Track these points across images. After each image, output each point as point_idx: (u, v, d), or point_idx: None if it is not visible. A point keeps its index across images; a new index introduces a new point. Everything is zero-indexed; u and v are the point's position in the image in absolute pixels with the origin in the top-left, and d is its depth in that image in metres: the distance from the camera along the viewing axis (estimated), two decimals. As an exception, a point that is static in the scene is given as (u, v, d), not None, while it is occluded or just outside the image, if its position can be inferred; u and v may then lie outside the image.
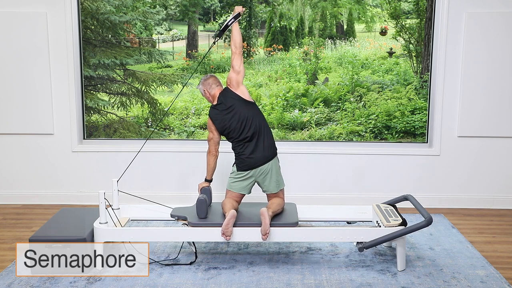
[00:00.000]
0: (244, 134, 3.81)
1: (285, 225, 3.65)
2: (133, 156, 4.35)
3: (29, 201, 5.13)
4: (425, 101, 5.05)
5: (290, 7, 5.20)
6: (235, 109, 3.81)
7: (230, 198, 3.86)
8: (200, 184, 3.99)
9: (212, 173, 3.97)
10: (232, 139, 3.88)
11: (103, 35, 5.12)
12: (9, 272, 3.61)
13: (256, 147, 3.82)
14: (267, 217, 3.56)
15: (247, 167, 3.84)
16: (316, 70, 5.23)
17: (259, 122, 3.83)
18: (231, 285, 3.44)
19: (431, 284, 3.45)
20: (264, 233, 3.56)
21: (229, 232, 3.56)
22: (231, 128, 3.81)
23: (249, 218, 3.75)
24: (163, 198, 4.32)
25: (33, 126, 5.03)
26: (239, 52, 3.88)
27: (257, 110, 3.90)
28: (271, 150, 3.86)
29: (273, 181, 3.87)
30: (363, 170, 5.06)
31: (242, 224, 3.64)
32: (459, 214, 4.87)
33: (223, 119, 3.83)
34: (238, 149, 3.86)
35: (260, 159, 3.82)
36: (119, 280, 3.48)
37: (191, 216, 3.75)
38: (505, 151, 4.99)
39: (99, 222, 3.64)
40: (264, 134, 3.84)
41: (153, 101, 5.21)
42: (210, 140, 3.92)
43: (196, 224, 3.67)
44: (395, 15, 5.08)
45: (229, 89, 3.88)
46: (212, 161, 3.93)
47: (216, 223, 3.66)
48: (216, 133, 3.89)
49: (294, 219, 3.71)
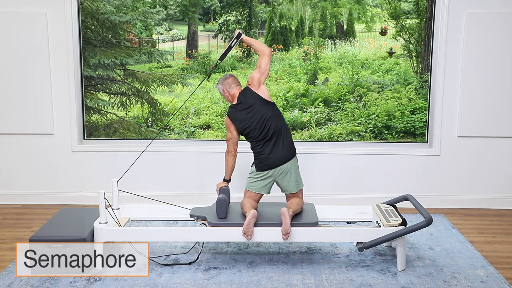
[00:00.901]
0: (264, 133, 3.80)
1: (305, 225, 3.65)
2: (132, 156, 4.36)
3: (29, 201, 5.13)
4: (425, 101, 5.05)
5: (290, 7, 5.20)
6: (255, 108, 3.80)
7: (249, 198, 3.85)
8: (219, 184, 3.97)
9: (230, 173, 3.95)
10: (252, 139, 3.86)
11: (103, 35, 5.12)
12: (9, 272, 3.61)
13: (276, 146, 3.81)
14: (288, 217, 3.55)
15: (267, 166, 3.83)
16: (316, 70, 5.23)
17: (279, 122, 3.83)
18: (231, 285, 3.44)
19: (431, 284, 3.45)
20: (285, 233, 3.55)
21: (250, 232, 3.55)
22: (251, 127, 3.80)
23: (269, 218, 3.74)
24: (162, 198, 4.31)
25: (33, 126, 5.03)
26: (268, 53, 3.86)
27: (277, 110, 3.89)
28: (290, 149, 3.86)
29: (293, 181, 3.86)
30: (363, 170, 5.06)
31: (262, 224, 3.64)
32: (459, 214, 4.87)
33: (244, 119, 3.81)
34: (258, 148, 3.85)
35: (280, 159, 3.81)
36: (119, 280, 3.48)
37: (210, 216, 3.75)
38: (505, 151, 4.99)
39: (99, 222, 3.64)
40: (284, 134, 3.83)
41: (153, 101, 5.21)
42: (229, 140, 3.89)
43: (216, 224, 3.66)
44: (395, 15, 5.08)
45: (249, 89, 3.87)
46: (231, 161, 3.91)
47: (235, 223, 3.65)
48: (235, 133, 3.87)
49: (314, 219, 3.71)
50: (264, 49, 3.89)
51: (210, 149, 5.06)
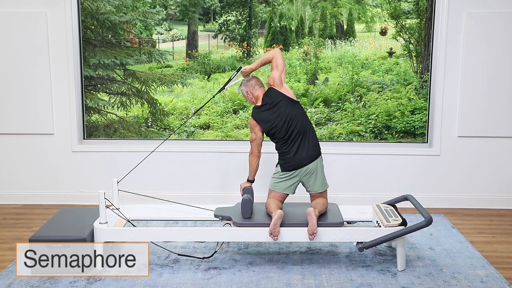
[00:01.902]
0: (289, 133, 3.78)
1: (331, 225, 3.64)
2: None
3: (29, 201, 5.13)
4: (425, 101, 5.05)
5: (290, 7, 5.20)
6: (281, 108, 3.79)
7: (274, 198, 3.83)
8: (242, 184, 3.96)
9: (254, 174, 3.94)
10: (277, 139, 3.84)
11: (103, 35, 5.12)
12: (9, 272, 3.61)
13: (301, 146, 3.79)
14: (314, 217, 3.54)
15: (292, 167, 3.81)
16: (316, 70, 5.23)
17: (304, 121, 3.81)
18: (231, 285, 3.44)
19: (431, 284, 3.45)
20: (311, 233, 3.54)
21: (276, 232, 3.54)
22: (277, 127, 3.78)
23: (294, 218, 3.73)
24: (162, 198, 4.31)
25: (33, 126, 5.03)
26: (278, 52, 3.87)
27: (302, 109, 3.87)
28: (315, 149, 3.84)
29: (318, 181, 3.85)
30: (363, 170, 5.06)
31: (287, 224, 3.63)
32: (459, 214, 4.87)
33: (269, 119, 3.79)
34: (283, 148, 3.83)
35: (305, 159, 3.79)
36: (119, 280, 3.48)
37: (235, 216, 3.75)
38: (505, 151, 4.99)
39: (99, 222, 3.64)
40: (309, 133, 3.82)
41: (153, 101, 5.21)
42: (253, 141, 3.87)
43: (241, 224, 3.66)
44: (395, 15, 5.08)
45: (273, 89, 3.85)
46: (254, 162, 3.90)
47: (261, 223, 3.64)
48: (260, 134, 3.85)
49: (339, 219, 3.71)
50: (272, 53, 3.89)
51: (210, 149, 5.06)
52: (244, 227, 3.65)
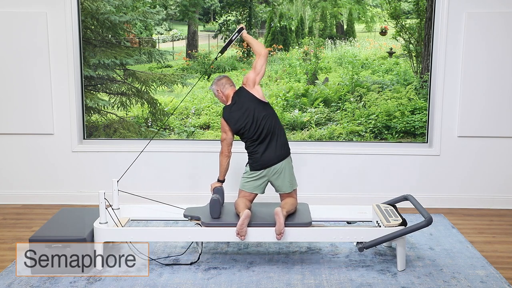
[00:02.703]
0: (258, 133, 3.81)
1: (299, 225, 3.65)
2: (132, 156, 4.35)
3: (29, 201, 5.13)
4: (425, 101, 5.05)
5: (290, 7, 5.20)
6: (250, 108, 3.81)
7: (243, 198, 3.86)
8: (213, 184, 3.98)
9: (224, 173, 3.96)
10: (246, 139, 3.87)
11: (103, 35, 5.12)
12: (9, 272, 3.61)
13: (270, 146, 3.82)
14: (282, 217, 3.55)
15: (260, 166, 3.84)
16: (316, 70, 5.23)
17: (273, 122, 3.84)
18: (231, 285, 3.44)
19: (431, 284, 3.45)
20: (278, 233, 3.55)
21: (243, 232, 3.56)
22: (246, 127, 3.81)
23: (263, 218, 3.74)
24: (162, 198, 4.31)
25: (33, 126, 5.03)
26: (265, 54, 3.89)
27: (271, 110, 3.90)
28: (284, 149, 3.86)
29: (286, 181, 3.86)
30: (363, 170, 5.06)
31: (256, 224, 3.64)
32: (459, 214, 4.87)
33: (239, 119, 3.82)
34: (252, 148, 3.86)
35: (273, 158, 3.82)
36: (119, 280, 3.48)
37: (204, 216, 3.75)
38: (505, 151, 4.99)
39: (99, 222, 3.64)
40: (278, 134, 3.84)
41: (153, 101, 5.21)
42: (223, 141, 3.90)
43: (210, 224, 3.66)
44: (395, 15, 5.08)
45: (244, 89, 3.88)
46: (225, 162, 3.92)
47: (229, 223, 3.65)
48: (230, 134, 3.87)
49: (308, 219, 3.71)
50: (261, 50, 3.90)
51: (210, 149, 5.05)
52: (212, 227, 3.66)
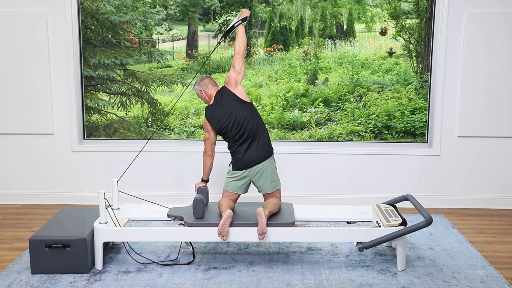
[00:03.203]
0: (240, 133, 3.82)
1: (281, 225, 3.65)
2: (133, 156, 4.36)
3: (29, 201, 5.13)
4: (425, 101, 5.05)
5: (290, 7, 5.20)
6: (232, 108, 3.82)
7: (226, 198, 3.87)
8: (197, 184, 4.00)
9: (208, 173, 3.98)
10: (228, 139, 3.88)
11: (103, 35, 5.12)
12: (9, 272, 3.61)
13: (252, 146, 3.83)
14: (264, 217, 3.56)
15: (242, 166, 3.85)
16: (316, 70, 5.23)
17: (256, 122, 3.85)
18: (231, 285, 3.44)
19: (431, 284, 3.45)
20: (260, 233, 3.56)
21: (225, 232, 3.56)
22: (228, 127, 3.82)
23: (246, 217, 3.75)
24: (162, 198, 4.32)
25: (33, 126, 5.03)
26: (242, 53, 3.90)
27: (254, 110, 3.91)
28: (266, 150, 3.87)
29: (268, 181, 3.87)
30: (363, 170, 5.06)
31: (238, 224, 3.64)
32: (459, 214, 4.87)
33: (220, 119, 3.83)
34: (234, 148, 3.87)
35: (255, 159, 3.83)
36: (119, 280, 3.48)
37: (187, 216, 3.76)
38: (505, 151, 4.99)
39: (99, 222, 3.64)
40: (260, 134, 3.85)
41: (153, 101, 5.21)
42: (206, 140, 3.92)
43: (193, 224, 3.67)
44: (395, 15, 5.08)
45: (226, 88, 3.89)
46: (208, 161, 3.94)
47: (212, 223, 3.65)
48: (213, 133, 3.89)
49: (291, 219, 3.71)
50: (239, 48, 3.89)
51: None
52: (195, 227, 3.66)
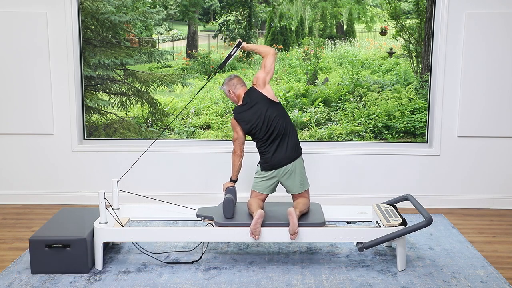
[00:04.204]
0: (269, 133, 3.79)
1: (312, 224, 3.65)
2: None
3: (29, 201, 5.13)
4: (425, 101, 5.05)
5: (290, 7, 5.20)
6: (261, 108, 3.80)
7: (255, 198, 3.85)
8: (225, 184, 3.97)
9: (237, 173, 3.95)
10: (257, 139, 3.86)
11: (103, 35, 5.12)
12: (9, 272, 3.61)
13: (280, 147, 3.80)
14: (295, 217, 3.55)
15: (270, 167, 3.83)
16: (316, 70, 5.23)
17: (285, 122, 3.82)
18: (231, 285, 3.44)
19: (431, 284, 3.45)
20: (292, 233, 3.54)
21: (257, 232, 3.55)
22: (257, 128, 3.80)
23: (276, 217, 3.73)
24: (162, 198, 4.31)
25: (33, 126, 5.03)
26: (273, 52, 3.88)
27: (283, 110, 3.88)
28: (295, 150, 3.85)
29: (297, 182, 3.85)
30: (363, 170, 5.06)
31: (269, 224, 3.63)
32: (459, 214, 4.87)
33: (250, 119, 3.81)
34: (263, 148, 3.85)
35: (284, 159, 3.81)
36: (119, 280, 3.48)
37: (217, 216, 3.75)
38: (505, 151, 4.99)
39: (99, 222, 3.64)
40: (289, 134, 3.83)
41: (153, 101, 5.21)
42: (235, 141, 3.89)
43: (223, 224, 3.66)
44: (395, 15, 5.08)
45: (254, 89, 3.87)
46: (237, 161, 3.91)
47: (242, 223, 3.65)
48: (241, 133, 3.87)
49: (321, 219, 3.71)
50: (268, 50, 3.90)
51: (210, 149, 5.06)
52: (226, 227, 3.65)
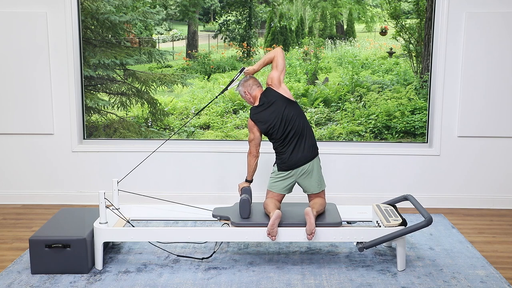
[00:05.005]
0: (286, 133, 3.78)
1: (329, 225, 3.64)
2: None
3: (29, 201, 5.13)
4: (425, 101, 5.05)
5: (290, 7, 5.20)
6: (279, 108, 3.78)
7: (272, 198, 3.84)
8: (241, 184, 3.95)
9: (253, 174, 3.93)
10: (274, 140, 3.84)
11: (103, 35, 5.12)
12: (9, 272, 3.61)
13: (298, 147, 3.79)
14: (312, 217, 3.54)
15: (288, 167, 3.81)
16: (316, 70, 5.23)
17: (302, 122, 3.81)
18: (231, 285, 3.44)
19: (431, 284, 3.45)
20: (309, 233, 3.53)
21: (274, 232, 3.54)
22: (274, 128, 3.78)
23: (292, 218, 3.72)
24: (162, 197, 4.31)
25: (33, 126, 5.03)
26: (280, 51, 3.86)
27: (300, 109, 3.86)
28: (312, 150, 3.83)
29: (314, 182, 3.84)
30: (363, 170, 5.06)
31: (286, 224, 3.63)
32: (459, 214, 4.87)
33: (267, 120, 3.79)
34: (280, 148, 3.83)
35: (301, 159, 3.79)
36: (119, 280, 3.48)
37: (233, 216, 3.75)
38: (505, 151, 4.99)
39: (99, 222, 3.64)
40: (306, 134, 3.81)
41: (153, 101, 5.21)
42: (252, 141, 3.87)
43: (239, 224, 3.65)
44: (395, 15, 5.08)
45: (271, 89, 3.85)
46: (253, 162, 3.89)
47: (259, 223, 3.64)
48: (258, 134, 3.84)
49: (338, 219, 3.70)
50: (275, 52, 3.88)
51: (210, 149, 5.06)
52: (242, 227, 3.65)
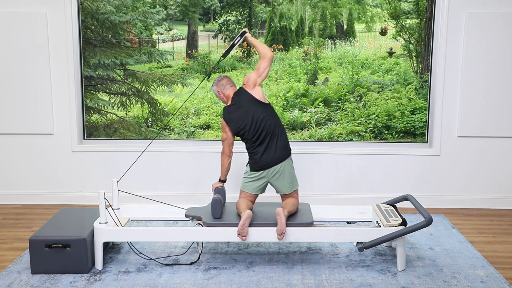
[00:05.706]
0: (257, 134, 3.80)
1: (300, 225, 3.65)
2: (132, 156, 4.36)
3: (29, 201, 5.13)
4: (425, 101, 5.05)
5: (290, 7, 5.20)
6: (249, 110, 3.80)
7: (244, 198, 3.86)
8: (214, 184, 3.98)
9: (226, 173, 3.96)
10: (246, 140, 3.87)
11: (103, 35, 5.12)
12: (9, 272, 3.61)
13: (269, 147, 3.81)
14: (283, 217, 3.55)
15: (259, 167, 3.83)
16: (316, 70, 5.23)
17: (273, 123, 3.82)
18: (231, 285, 3.44)
19: (431, 284, 3.45)
20: (280, 233, 3.55)
21: (245, 233, 3.55)
22: (245, 128, 3.80)
23: (264, 218, 3.74)
24: (162, 198, 4.31)
25: (33, 126, 5.03)
26: (271, 57, 3.87)
27: (272, 110, 3.88)
28: (284, 151, 3.85)
29: (286, 182, 3.85)
30: (363, 170, 5.06)
31: (257, 224, 3.64)
32: (459, 214, 4.87)
33: (238, 120, 3.82)
34: (252, 149, 3.85)
35: (273, 160, 3.81)
36: (119, 280, 3.48)
37: (205, 216, 3.75)
38: (505, 151, 4.99)
39: (99, 222, 3.64)
40: (278, 135, 3.83)
41: (153, 101, 5.21)
42: (224, 141, 3.90)
43: (211, 224, 3.67)
44: (395, 15, 5.08)
45: (243, 90, 3.88)
46: (226, 162, 3.92)
47: (231, 223, 3.65)
48: (230, 134, 3.87)
49: (309, 219, 3.71)
50: (266, 53, 3.89)
51: (210, 149, 5.06)
52: (214, 227, 3.66)
